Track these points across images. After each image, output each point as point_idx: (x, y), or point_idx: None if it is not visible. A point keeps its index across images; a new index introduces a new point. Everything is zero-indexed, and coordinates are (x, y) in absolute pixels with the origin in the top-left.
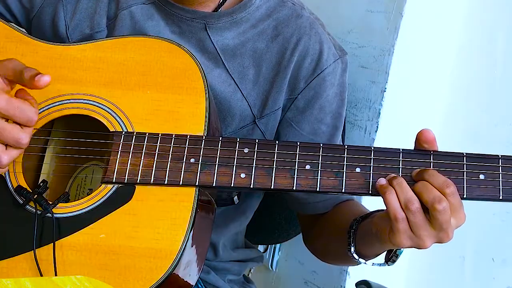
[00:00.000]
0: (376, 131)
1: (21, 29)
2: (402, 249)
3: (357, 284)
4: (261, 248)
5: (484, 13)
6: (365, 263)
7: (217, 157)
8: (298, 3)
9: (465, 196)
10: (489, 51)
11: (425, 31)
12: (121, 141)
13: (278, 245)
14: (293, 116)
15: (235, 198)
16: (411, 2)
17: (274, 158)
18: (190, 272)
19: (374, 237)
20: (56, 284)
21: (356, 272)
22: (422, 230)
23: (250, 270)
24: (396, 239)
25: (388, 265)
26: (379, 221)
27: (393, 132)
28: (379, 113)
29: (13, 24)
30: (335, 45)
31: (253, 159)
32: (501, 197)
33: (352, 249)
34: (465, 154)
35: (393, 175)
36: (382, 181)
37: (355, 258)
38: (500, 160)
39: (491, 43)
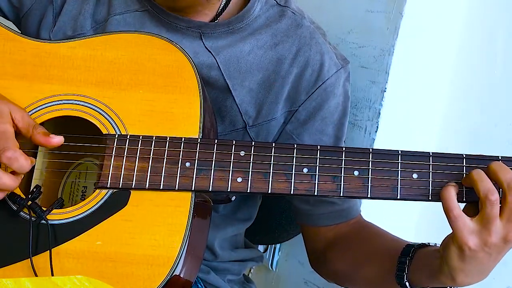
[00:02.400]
0: (376, 131)
1: (8, 26)
2: None
3: None
4: (261, 248)
5: (484, 13)
6: None
7: (213, 161)
8: (298, 12)
9: (464, 199)
10: (489, 51)
11: (425, 31)
12: (115, 144)
13: (278, 245)
14: (294, 129)
15: (233, 198)
16: (411, 2)
17: (271, 161)
18: (188, 276)
19: (434, 269)
20: (56, 284)
21: None
22: (492, 223)
23: (250, 270)
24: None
25: None
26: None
27: (393, 132)
28: (379, 113)
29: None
30: (337, 55)
31: (250, 162)
32: None
33: (405, 278)
34: (464, 156)
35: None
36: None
37: (406, 286)
38: (500, 161)
39: (491, 43)
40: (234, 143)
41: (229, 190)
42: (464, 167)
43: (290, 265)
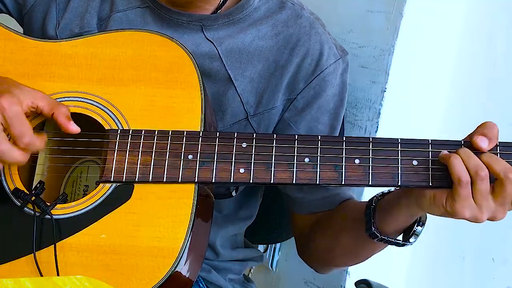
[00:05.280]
0: (376, 131)
1: (8, 26)
2: (421, 228)
3: (357, 284)
4: (261, 248)
5: (484, 13)
6: (387, 238)
7: (215, 153)
8: (297, 3)
9: None
10: (489, 51)
11: (425, 31)
12: (117, 139)
13: (278, 245)
14: (291, 116)
15: (233, 192)
16: (411, 2)
17: (272, 152)
18: (191, 269)
19: (402, 209)
20: (56, 284)
21: (356, 271)
22: (485, 199)
23: (250, 270)
24: (457, 206)
25: (407, 244)
26: (421, 190)
27: (393, 132)
28: (379, 113)
29: None
30: (336, 45)
31: (252, 153)
32: None
33: (373, 227)
34: (463, 142)
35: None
36: (445, 152)
37: (376, 235)
38: (498, 147)
39: (491, 43)
40: (235, 135)
41: (232, 181)
42: None
43: (290, 265)
